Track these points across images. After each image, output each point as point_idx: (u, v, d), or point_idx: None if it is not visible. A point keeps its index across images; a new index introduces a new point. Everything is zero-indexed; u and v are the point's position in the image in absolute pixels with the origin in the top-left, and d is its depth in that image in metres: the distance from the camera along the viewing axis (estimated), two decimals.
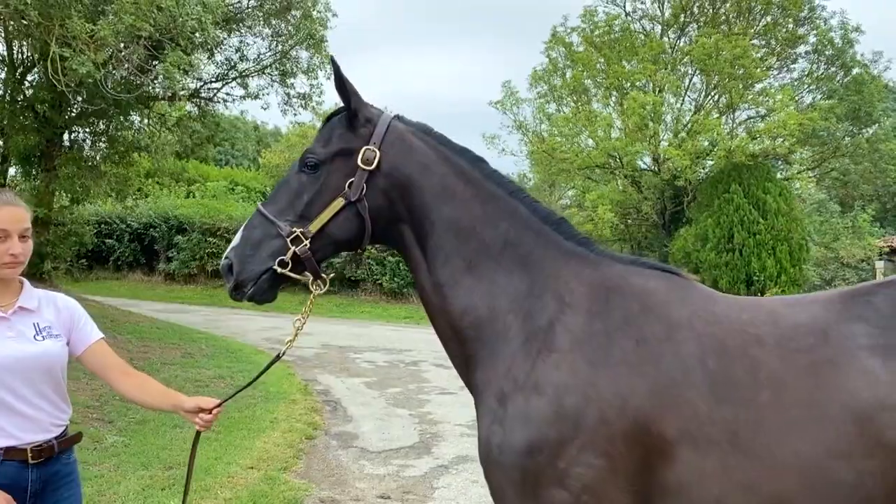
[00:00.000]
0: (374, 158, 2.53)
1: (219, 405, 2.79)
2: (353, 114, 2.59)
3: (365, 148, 2.54)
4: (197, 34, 9.52)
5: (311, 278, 2.61)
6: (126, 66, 10.85)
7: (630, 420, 2.18)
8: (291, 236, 2.51)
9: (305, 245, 2.51)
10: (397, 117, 2.67)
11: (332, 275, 2.82)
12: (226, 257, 2.59)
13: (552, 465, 2.20)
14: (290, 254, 2.50)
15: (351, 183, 2.53)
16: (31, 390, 2.57)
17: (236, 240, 2.59)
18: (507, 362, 2.39)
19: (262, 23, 16.56)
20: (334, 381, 11.72)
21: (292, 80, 17.31)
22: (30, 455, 2.55)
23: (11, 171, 16.46)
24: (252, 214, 2.62)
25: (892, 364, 2.08)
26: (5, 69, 15.28)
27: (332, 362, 13.54)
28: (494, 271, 2.51)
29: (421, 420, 9.25)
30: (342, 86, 2.57)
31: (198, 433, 2.84)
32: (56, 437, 2.65)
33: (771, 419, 2.11)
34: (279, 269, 2.51)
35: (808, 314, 2.27)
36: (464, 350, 2.55)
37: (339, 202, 2.53)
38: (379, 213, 2.58)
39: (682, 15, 27.40)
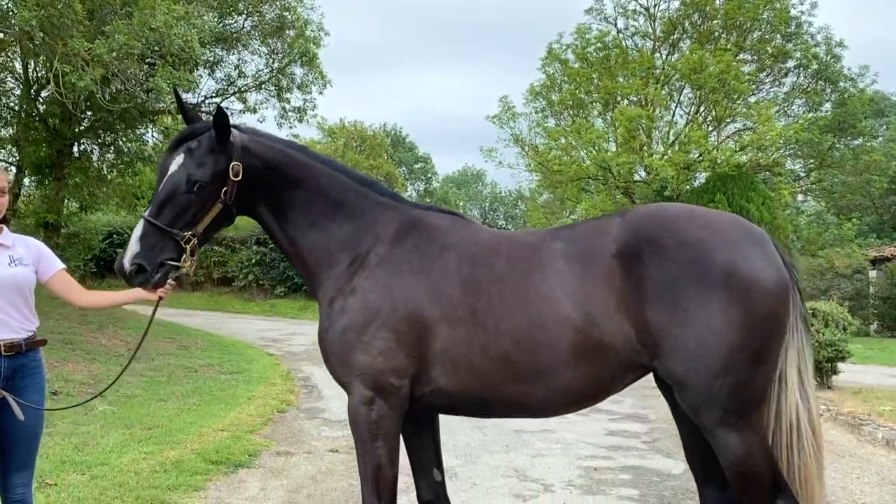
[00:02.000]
0: (240, 170, 3.40)
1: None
2: (224, 139, 3.38)
3: (233, 164, 3.39)
4: (186, 51, 10.60)
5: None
6: (132, 81, 11.99)
7: (410, 308, 3.21)
8: (184, 239, 3.35)
9: (195, 242, 3.38)
10: (237, 128, 3.50)
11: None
12: (133, 262, 3.30)
13: (359, 339, 3.23)
14: (188, 251, 3.36)
15: (225, 191, 3.40)
16: (6, 301, 3.55)
17: (136, 247, 3.32)
18: (337, 281, 3.43)
19: (258, 41, 17.75)
20: (316, 370, 12.64)
21: (288, 95, 18.47)
22: (2, 348, 3.52)
23: (26, 180, 17.66)
24: (142, 224, 3.35)
25: (571, 265, 3.08)
26: (21, 86, 16.52)
27: (319, 356, 14.39)
28: (329, 225, 3.51)
29: None
30: (225, 124, 3.36)
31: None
32: (24, 339, 3.61)
33: (496, 303, 3.11)
34: (184, 267, 3.35)
35: (534, 237, 3.32)
36: (311, 279, 3.60)
37: (217, 207, 3.41)
38: (243, 204, 3.49)
39: (673, 32, 28.29)
